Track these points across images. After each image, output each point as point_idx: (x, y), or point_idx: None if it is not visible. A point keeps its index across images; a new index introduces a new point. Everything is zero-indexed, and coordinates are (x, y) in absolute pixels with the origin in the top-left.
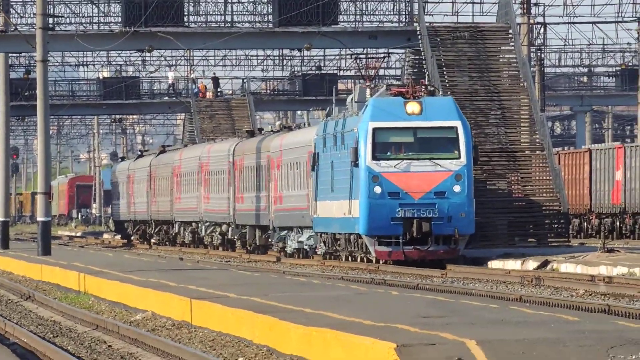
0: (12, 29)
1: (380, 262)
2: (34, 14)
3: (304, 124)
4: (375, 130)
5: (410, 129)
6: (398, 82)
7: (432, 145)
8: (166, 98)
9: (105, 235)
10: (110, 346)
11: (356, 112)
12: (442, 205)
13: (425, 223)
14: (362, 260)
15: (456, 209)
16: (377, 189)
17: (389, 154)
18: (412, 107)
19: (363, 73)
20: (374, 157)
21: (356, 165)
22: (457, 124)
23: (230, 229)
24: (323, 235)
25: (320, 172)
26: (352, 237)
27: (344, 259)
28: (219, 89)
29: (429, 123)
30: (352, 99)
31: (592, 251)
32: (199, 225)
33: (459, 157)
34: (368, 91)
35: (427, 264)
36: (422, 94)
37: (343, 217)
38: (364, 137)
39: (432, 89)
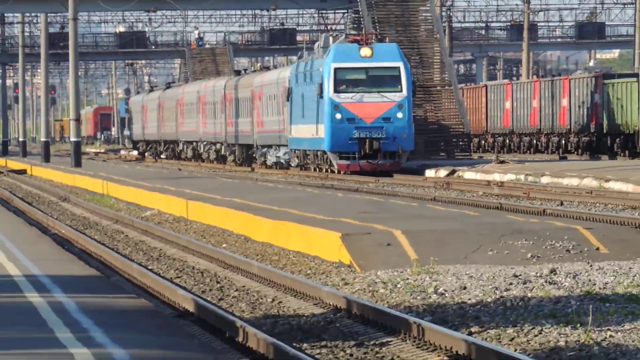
0: None
1: (341, 172)
2: None
3: (276, 66)
4: (336, 69)
5: (363, 68)
6: (354, 33)
7: (380, 81)
8: (166, 47)
9: (122, 152)
10: (126, 235)
11: (321, 56)
12: (388, 128)
13: (375, 142)
14: (326, 171)
15: (399, 131)
16: (338, 116)
17: (346, 88)
18: (365, 51)
19: (329, 26)
20: (335, 91)
21: (321, 97)
22: (400, 64)
23: (223, 147)
24: (296, 151)
25: (293, 103)
26: (319, 153)
27: (312, 170)
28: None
29: (378, 64)
30: (318, 45)
31: (488, 162)
32: (198, 144)
33: (401, 91)
34: (331, 39)
35: (377, 174)
36: (373, 41)
37: (312, 137)
38: (328, 75)
39: (382, 37)
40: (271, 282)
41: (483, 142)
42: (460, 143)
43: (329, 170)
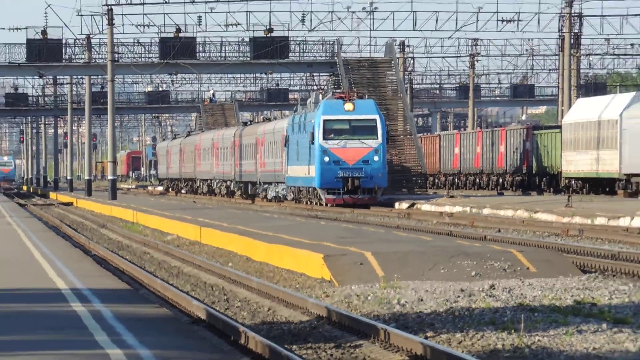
0: (93, 62)
1: (328, 205)
2: (106, 52)
3: (274, 118)
4: (325, 120)
5: (347, 120)
6: (339, 91)
7: (361, 130)
8: (185, 103)
9: (149, 187)
10: (152, 256)
11: (313, 109)
12: (366, 169)
13: (356, 180)
14: (316, 203)
15: (376, 171)
16: (326, 159)
17: (333, 136)
18: (348, 106)
19: (317, 86)
20: (324, 138)
21: (312, 143)
22: (376, 117)
23: (232, 183)
24: (292, 187)
25: (290, 148)
26: (310, 189)
27: (304, 203)
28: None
29: (358, 116)
30: (310, 101)
31: (441, 197)
32: (212, 181)
33: (377, 138)
34: (320, 96)
35: (358, 206)
36: (355, 97)
37: (305, 176)
38: (318, 125)
39: (361, 94)
40: (267, 294)
41: (437, 180)
42: (419, 181)
43: (319, 203)
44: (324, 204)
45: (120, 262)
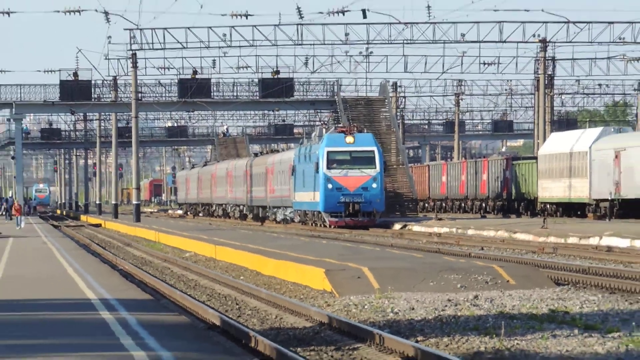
0: (119, 100)
1: (331, 227)
2: (131, 92)
3: (282, 150)
4: (328, 152)
5: (348, 151)
6: (341, 125)
7: (360, 160)
8: (202, 137)
9: (170, 211)
10: (172, 270)
11: (317, 142)
12: (366, 195)
13: (356, 204)
14: (321, 226)
15: (374, 197)
16: (330, 185)
17: (335, 165)
18: (349, 139)
19: (321, 122)
20: (328, 167)
21: (317, 172)
22: (374, 149)
23: (244, 207)
24: (298, 211)
25: (296, 176)
26: (315, 212)
27: (310, 225)
28: (227, 134)
29: (358, 148)
30: (315, 134)
31: (430, 219)
32: (227, 205)
33: (375, 168)
34: (324, 130)
35: (358, 228)
36: (355, 131)
37: (310, 201)
38: (322, 156)
39: (360, 129)
40: (275, 304)
41: (426, 204)
42: (410, 205)
43: (322, 225)
44: (328, 226)
45: (143, 275)
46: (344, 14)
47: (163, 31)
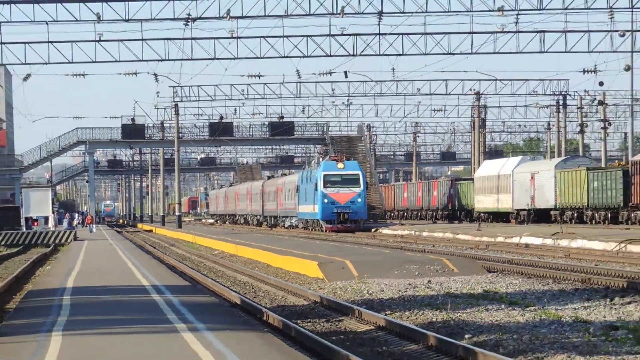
0: (165, 139)
1: (326, 231)
2: (174, 132)
3: (289, 174)
4: (324, 175)
5: (339, 174)
6: (334, 155)
7: (348, 181)
8: (226, 165)
9: (203, 220)
10: (205, 264)
11: (316, 167)
12: (353, 206)
13: (346, 214)
14: (318, 230)
15: (359, 208)
16: (326, 200)
17: (330, 185)
18: (340, 165)
19: (318, 153)
20: (324, 186)
21: (316, 190)
22: (359, 172)
23: (260, 217)
24: (302, 220)
25: (300, 193)
26: (314, 220)
27: (309, 230)
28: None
29: (347, 172)
30: (314, 162)
31: (395, 225)
32: (247, 216)
33: (360, 187)
34: (321, 158)
35: (347, 232)
36: (344, 159)
37: (311, 212)
38: (320, 178)
39: (348, 157)
40: (281, 288)
41: (392, 214)
42: (380, 215)
43: (320, 230)
44: (324, 231)
45: (183, 267)
46: (330, 75)
47: (197, 88)
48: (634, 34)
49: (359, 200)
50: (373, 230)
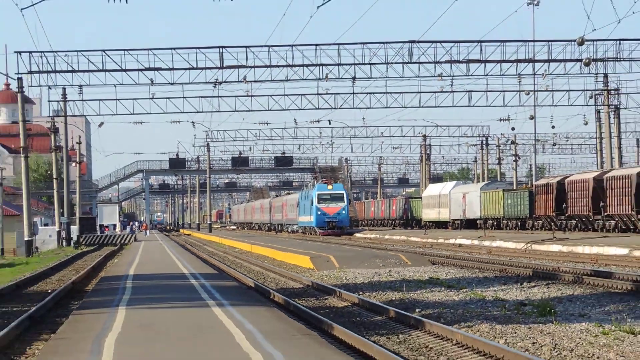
0: (200, 168)
1: (319, 235)
2: (206, 164)
3: (291, 193)
4: (318, 194)
5: (329, 193)
6: (325, 179)
7: (336, 198)
8: (244, 188)
9: (227, 226)
10: (228, 258)
11: (311, 188)
12: (339, 217)
13: (334, 222)
14: (312, 235)
15: (344, 218)
16: (319, 212)
17: (322, 201)
18: (329, 186)
19: (314, 177)
20: (318, 202)
21: (312, 205)
22: (344, 192)
23: (270, 225)
24: (301, 227)
25: (300, 207)
26: (310, 227)
27: (306, 234)
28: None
29: (335, 191)
30: (310, 184)
31: (365, 230)
32: (260, 224)
33: (344, 202)
34: (316, 182)
35: (334, 235)
36: (332, 182)
37: (308, 221)
38: (315, 196)
39: (336, 181)
40: (283, 275)
41: (363, 223)
42: (354, 222)
43: (314, 234)
44: (317, 234)
45: (213, 260)
46: (318, 122)
47: (223, 132)
48: (536, 93)
49: (344, 212)
50: (348, 234)
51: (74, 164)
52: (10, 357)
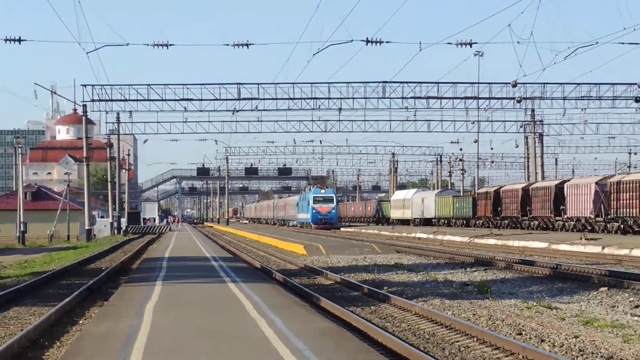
0: (222, 175)
1: (314, 228)
2: (225, 172)
3: (291, 195)
4: (314, 196)
5: (322, 196)
6: (319, 185)
7: (327, 200)
8: (254, 192)
9: (241, 221)
10: (241, 245)
11: (308, 192)
12: (329, 215)
13: (326, 219)
14: (309, 228)
15: (333, 216)
16: (314, 211)
17: (316, 202)
18: (322, 190)
19: (310, 184)
20: (313, 203)
21: (308, 205)
22: (334, 195)
23: (274, 220)
24: (299, 222)
25: (299, 207)
26: (307, 222)
27: (303, 228)
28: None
29: (326, 194)
30: (307, 189)
31: (346, 226)
32: (267, 219)
33: (334, 203)
34: (311, 187)
35: (326, 229)
36: (325, 187)
37: (305, 218)
38: (311, 198)
39: (327, 186)
40: (283, 259)
41: (345, 220)
42: (339, 220)
43: (310, 227)
44: (312, 228)
45: (229, 247)
46: (312, 142)
47: (239, 148)
48: (479, 122)
49: (333, 211)
50: (335, 229)
51: (124, 171)
52: (72, 319)
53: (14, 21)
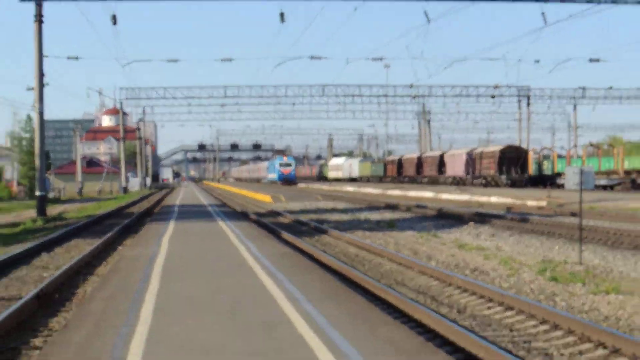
0: (214, 150)
1: (279, 184)
2: (217, 148)
3: (262, 162)
4: (279, 162)
5: (285, 162)
6: (282, 155)
7: (288, 165)
8: (237, 159)
9: (229, 180)
10: (226, 196)
11: (275, 159)
12: (290, 175)
13: (288, 178)
14: (276, 185)
15: (292, 176)
16: (279, 172)
17: (281, 166)
18: (284, 158)
19: (273, 154)
20: (279, 167)
21: (275, 168)
22: (293, 162)
23: (251, 179)
24: (269, 180)
25: (269, 169)
26: (274, 181)
27: (272, 184)
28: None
29: (288, 161)
30: (273, 157)
31: (301, 183)
32: (246, 179)
33: (293, 167)
34: (276, 156)
35: (288, 185)
36: (287, 156)
37: (273, 177)
38: (277, 163)
39: (288, 155)
40: (256, 205)
41: (299, 179)
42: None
43: (276, 184)
44: (278, 184)
45: (220, 197)
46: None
47: (226, 130)
48: (388, 112)
49: (293, 172)
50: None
51: (148, 146)
52: (114, 247)
53: (68, 44)
